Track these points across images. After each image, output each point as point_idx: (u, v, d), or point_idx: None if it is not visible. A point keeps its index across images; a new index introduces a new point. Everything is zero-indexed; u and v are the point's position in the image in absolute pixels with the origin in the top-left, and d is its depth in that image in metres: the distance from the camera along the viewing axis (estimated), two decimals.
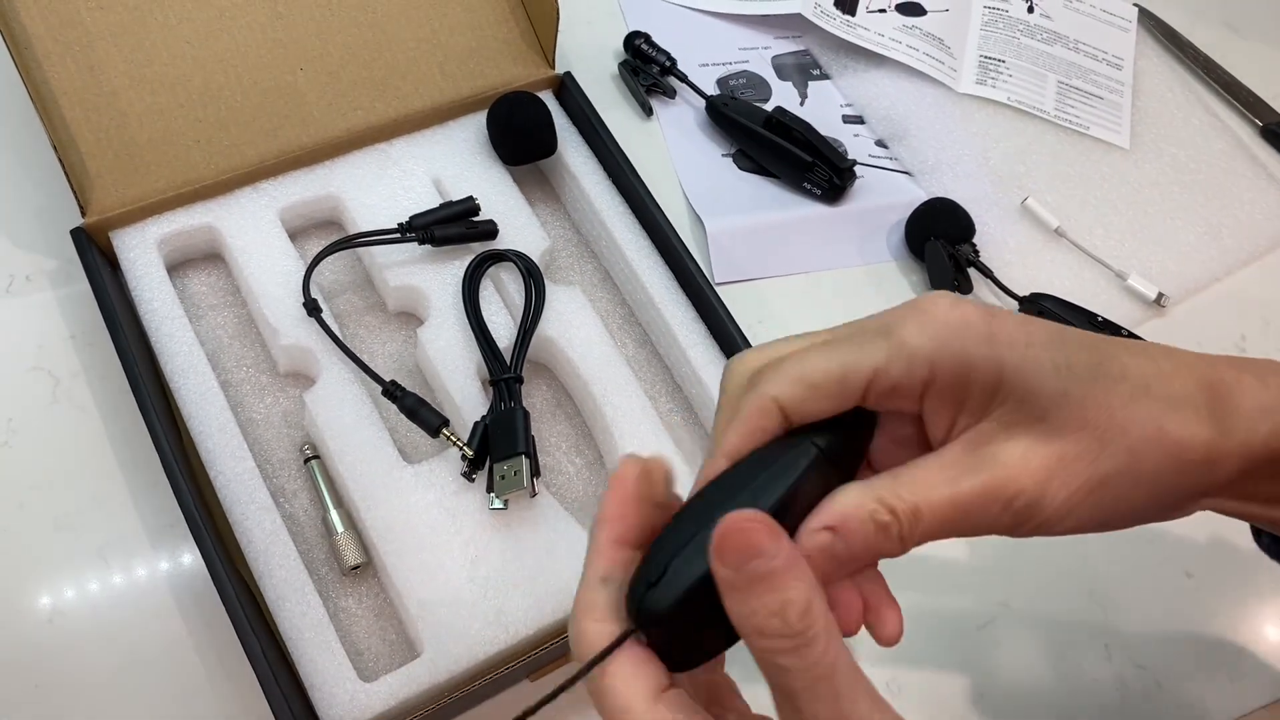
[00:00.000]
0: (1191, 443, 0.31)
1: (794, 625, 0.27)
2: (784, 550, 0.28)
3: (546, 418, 0.58)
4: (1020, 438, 0.31)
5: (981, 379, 0.31)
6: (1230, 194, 0.75)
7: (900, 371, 0.31)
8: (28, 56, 0.57)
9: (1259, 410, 0.32)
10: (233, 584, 0.47)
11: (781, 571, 0.27)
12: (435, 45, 0.64)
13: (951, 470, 0.31)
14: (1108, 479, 0.31)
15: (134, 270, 0.56)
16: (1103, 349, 0.32)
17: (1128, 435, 0.31)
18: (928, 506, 0.30)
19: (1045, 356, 0.31)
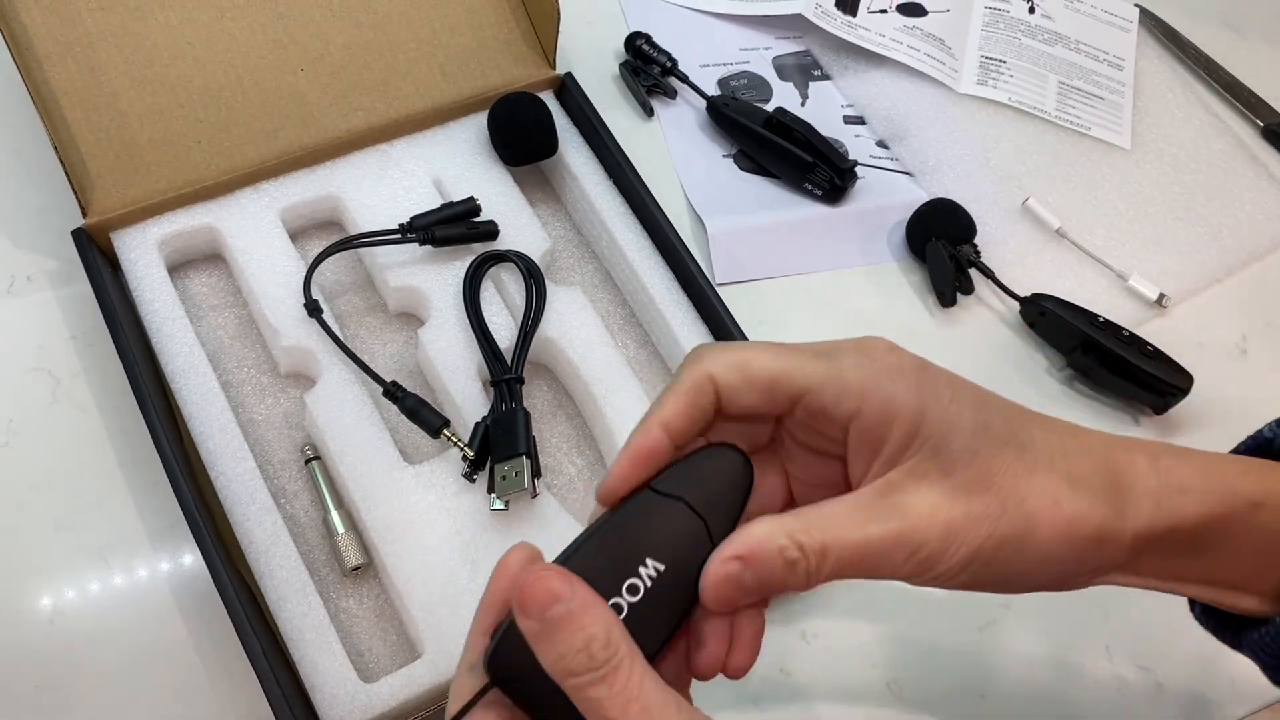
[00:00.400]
0: (1085, 521, 0.33)
1: (598, 657, 0.30)
2: (579, 593, 0.30)
3: (547, 418, 0.58)
4: (929, 490, 0.32)
5: (902, 423, 0.33)
6: (1231, 194, 0.75)
7: (830, 396, 0.33)
8: (28, 57, 0.57)
9: (1148, 494, 0.34)
10: (233, 585, 0.47)
11: (579, 611, 0.30)
12: (436, 46, 0.64)
13: (862, 514, 0.33)
14: (1005, 542, 0.32)
15: (135, 271, 0.56)
16: (1018, 419, 0.34)
17: (1026, 504, 0.33)
18: (836, 546, 0.32)
19: (966, 414, 0.33)
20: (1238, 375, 0.68)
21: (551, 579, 0.30)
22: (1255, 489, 0.35)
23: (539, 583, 0.30)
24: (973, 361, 0.66)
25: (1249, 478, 0.35)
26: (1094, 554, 0.34)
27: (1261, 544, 0.35)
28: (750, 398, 0.34)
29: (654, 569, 0.32)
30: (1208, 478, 0.35)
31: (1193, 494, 0.34)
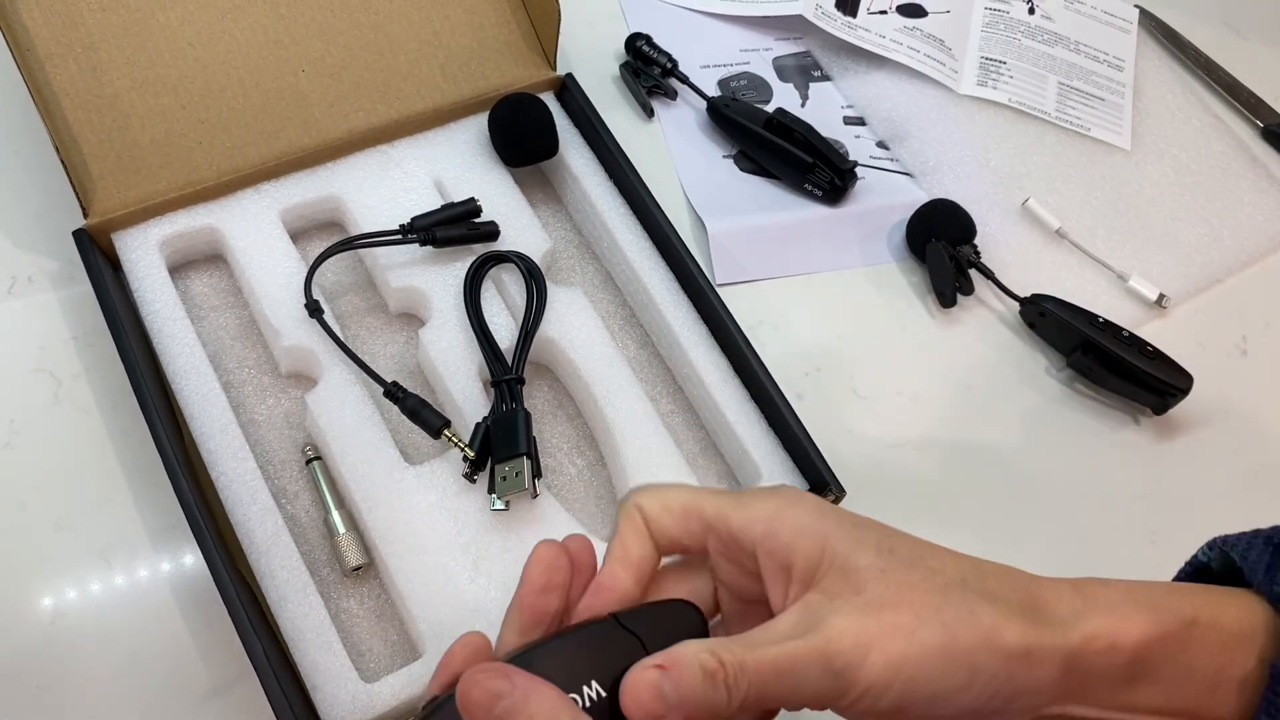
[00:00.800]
0: (1005, 632, 0.33)
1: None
2: (519, 680, 0.31)
3: (548, 419, 0.58)
4: (842, 606, 0.33)
5: (807, 547, 0.34)
6: (1231, 195, 0.75)
7: (740, 523, 0.35)
8: (30, 58, 0.57)
9: (1073, 613, 0.34)
10: (234, 585, 0.47)
11: (521, 700, 0.30)
12: (437, 47, 0.64)
13: (779, 631, 0.33)
14: (925, 653, 0.32)
15: (136, 271, 0.56)
16: (926, 548, 0.35)
17: (942, 614, 0.33)
18: (754, 662, 0.32)
19: (870, 538, 0.34)
20: (1238, 375, 0.68)
21: (489, 679, 0.31)
22: (1185, 606, 0.35)
23: (476, 687, 0.31)
24: (973, 362, 0.66)
25: (1175, 596, 0.35)
26: (1024, 671, 0.33)
27: (1204, 665, 0.34)
28: (670, 524, 0.36)
29: (596, 692, 0.33)
30: (1134, 597, 0.35)
31: (1119, 612, 0.34)
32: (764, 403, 0.57)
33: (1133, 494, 0.63)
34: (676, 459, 0.55)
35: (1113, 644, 0.34)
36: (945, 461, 0.62)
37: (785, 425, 0.56)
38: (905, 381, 0.64)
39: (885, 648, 0.32)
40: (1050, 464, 0.63)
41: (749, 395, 0.58)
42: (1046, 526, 0.61)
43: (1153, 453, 0.64)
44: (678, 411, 0.60)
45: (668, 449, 0.55)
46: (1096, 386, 0.65)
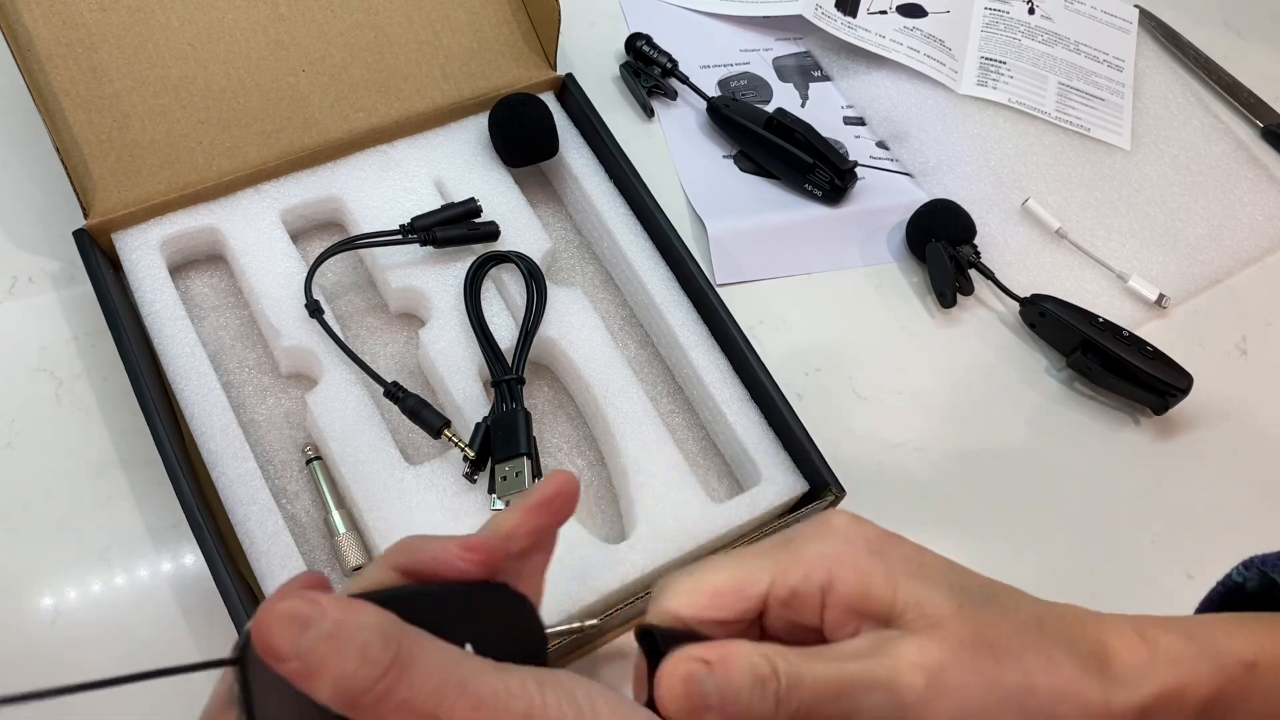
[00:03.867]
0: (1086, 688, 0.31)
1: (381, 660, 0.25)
2: (328, 604, 0.25)
3: (548, 419, 0.58)
4: (919, 640, 0.30)
5: (878, 592, 0.31)
6: (1231, 195, 0.75)
7: (798, 577, 0.31)
8: (30, 58, 0.57)
9: (1141, 665, 0.32)
10: (235, 585, 0.47)
11: (336, 626, 0.25)
12: (437, 47, 0.64)
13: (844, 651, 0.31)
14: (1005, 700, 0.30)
15: (136, 271, 0.56)
16: (994, 584, 0.33)
17: (1023, 660, 0.30)
18: (811, 676, 0.30)
19: (939, 576, 0.32)
20: (1238, 375, 0.68)
21: (295, 606, 0.25)
22: (1245, 648, 0.33)
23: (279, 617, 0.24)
24: (973, 362, 0.66)
25: (1236, 638, 0.34)
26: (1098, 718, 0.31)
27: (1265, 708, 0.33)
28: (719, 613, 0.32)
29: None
30: (1195, 644, 0.33)
31: (1185, 662, 0.32)
32: (764, 403, 0.57)
33: (1133, 494, 0.63)
34: (676, 459, 0.55)
35: (1180, 701, 0.32)
36: (945, 461, 0.62)
37: (785, 425, 0.56)
38: (905, 381, 0.64)
39: (961, 687, 0.30)
40: (1050, 464, 0.63)
41: (749, 395, 0.58)
42: (1046, 526, 0.61)
43: (1153, 453, 0.64)
44: (678, 411, 0.60)
45: (668, 449, 0.55)
46: (1096, 386, 0.65)
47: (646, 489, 0.54)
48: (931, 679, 0.30)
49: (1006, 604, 0.32)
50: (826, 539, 0.32)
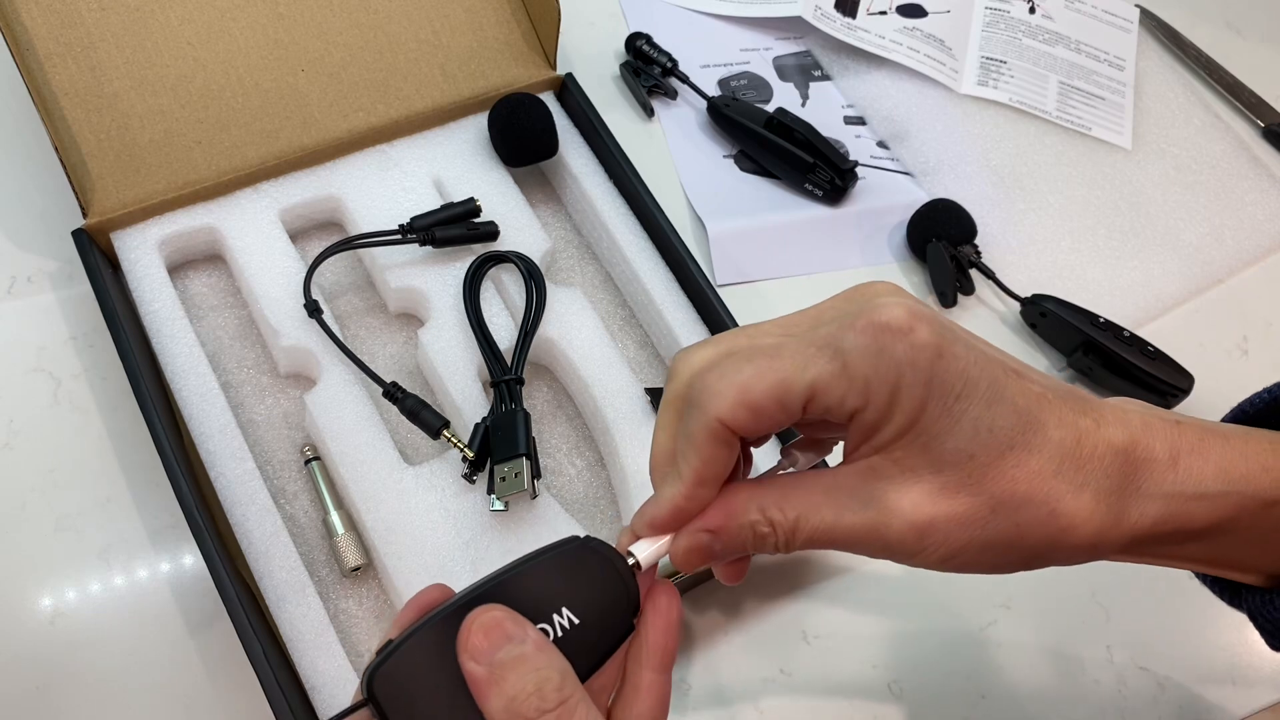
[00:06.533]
0: (1082, 527, 0.32)
1: (551, 699, 0.29)
2: (531, 634, 0.30)
3: (547, 419, 0.58)
4: (913, 486, 0.31)
5: (900, 418, 0.31)
6: (1232, 195, 0.75)
7: (836, 397, 0.31)
8: (29, 58, 0.57)
9: (1158, 496, 0.33)
10: (233, 585, 0.47)
11: (533, 653, 0.29)
12: (436, 46, 0.64)
13: (839, 499, 0.32)
14: (988, 545, 0.32)
15: (135, 271, 0.56)
16: (1035, 414, 0.32)
17: (1019, 513, 0.31)
18: (807, 527, 0.32)
19: (971, 414, 0.31)
20: (1238, 375, 0.68)
21: (503, 620, 0.29)
22: (1272, 487, 0.33)
23: (489, 624, 0.29)
24: None
25: (1271, 474, 0.34)
26: (1084, 555, 0.33)
27: (1267, 536, 0.34)
28: (760, 425, 0.32)
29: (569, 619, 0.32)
30: (1226, 479, 0.33)
31: (1207, 500, 0.33)
32: None
33: None
34: None
35: (1184, 527, 0.33)
36: None
37: None
38: None
39: (946, 538, 0.32)
40: None
41: None
42: None
43: None
44: None
45: None
46: (1098, 386, 0.65)
47: (646, 489, 0.53)
48: (921, 534, 0.32)
49: (1032, 443, 0.31)
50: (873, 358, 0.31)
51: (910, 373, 0.31)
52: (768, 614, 0.55)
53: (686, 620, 0.55)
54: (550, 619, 0.31)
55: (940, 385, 0.31)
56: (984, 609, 0.57)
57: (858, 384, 0.31)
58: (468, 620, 0.29)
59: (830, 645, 0.55)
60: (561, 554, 0.33)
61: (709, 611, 0.55)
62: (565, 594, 0.32)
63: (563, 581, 0.32)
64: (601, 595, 0.32)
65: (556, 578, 0.32)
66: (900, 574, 0.57)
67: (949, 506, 0.31)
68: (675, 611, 0.34)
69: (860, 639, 0.55)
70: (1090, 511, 0.32)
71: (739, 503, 0.33)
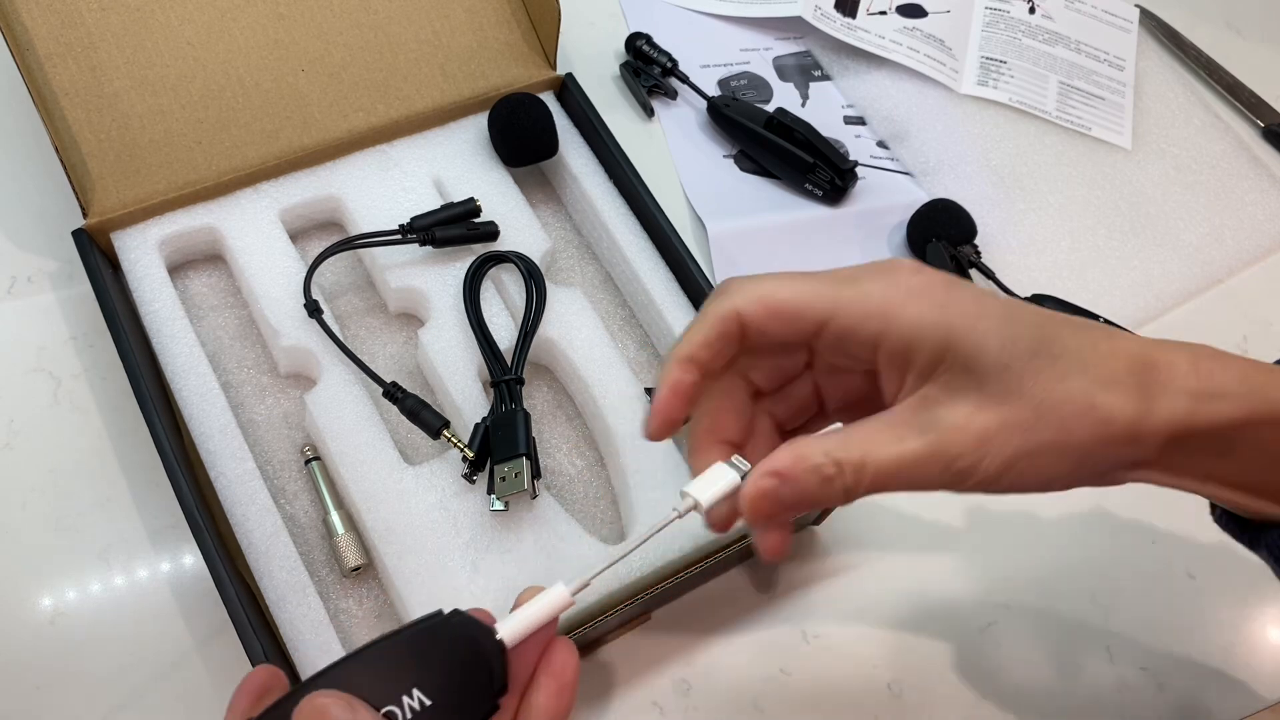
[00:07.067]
0: (1118, 418, 0.33)
1: None
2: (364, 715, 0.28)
3: (547, 419, 0.58)
4: (962, 403, 0.33)
5: (930, 343, 0.33)
6: (1232, 195, 0.75)
7: (855, 319, 0.34)
8: (29, 58, 0.57)
9: (1183, 392, 0.34)
10: (234, 585, 0.47)
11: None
12: (437, 47, 0.64)
13: (898, 430, 0.33)
14: (1040, 448, 0.33)
15: (135, 271, 0.56)
16: (1047, 328, 0.34)
17: (1060, 410, 0.33)
18: (873, 463, 0.33)
19: (993, 330, 0.33)
20: None
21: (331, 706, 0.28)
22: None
23: (317, 712, 0.28)
24: None
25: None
26: (1128, 451, 0.34)
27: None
28: (776, 328, 0.35)
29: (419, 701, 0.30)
30: (1246, 384, 0.35)
31: (1229, 400, 0.34)
32: None
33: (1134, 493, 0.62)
34: (676, 459, 0.55)
35: (1211, 427, 0.34)
36: None
37: None
38: None
39: (1002, 446, 0.33)
40: None
41: None
42: (1047, 525, 0.61)
43: None
44: None
45: (667, 449, 0.55)
46: None
47: (646, 489, 0.54)
48: (978, 445, 0.33)
49: (1054, 350, 0.33)
50: (888, 288, 0.34)
51: (925, 297, 0.34)
52: (768, 614, 0.55)
53: (685, 621, 0.55)
54: (399, 701, 0.29)
55: (958, 308, 0.33)
56: (984, 609, 0.57)
57: (875, 310, 0.34)
58: (297, 710, 0.28)
59: (830, 645, 0.55)
60: (419, 631, 0.31)
61: (709, 611, 0.55)
62: (418, 674, 0.30)
63: (417, 660, 0.30)
64: (459, 674, 0.30)
65: (411, 656, 0.30)
66: (901, 574, 0.57)
67: (998, 414, 0.33)
68: (570, 673, 0.33)
69: (860, 639, 0.55)
70: (1123, 403, 0.33)
71: (804, 446, 0.33)
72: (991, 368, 0.33)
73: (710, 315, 0.35)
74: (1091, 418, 0.33)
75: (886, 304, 0.34)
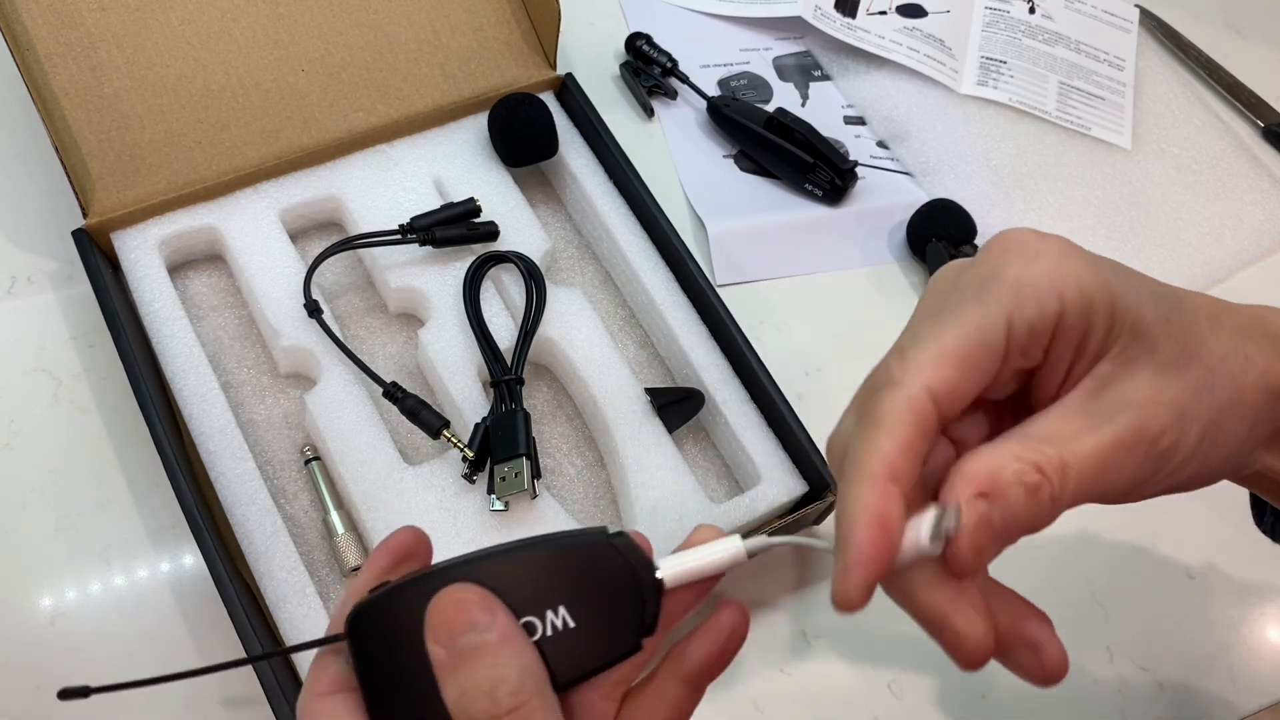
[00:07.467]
0: (1275, 370, 0.30)
1: (504, 702, 0.26)
2: (499, 624, 0.27)
3: (547, 419, 0.58)
4: (1143, 374, 0.29)
5: (1101, 306, 0.29)
6: (1232, 195, 0.75)
7: (1033, 311, 0.28)
8: (29, 58, 0.57)
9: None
10: (234, 585, 0.47)
11: (495, 646, 0.26)
12: (436, 46, 0.64)
13: (1087, 418, 0.28)
14: (1223, 411, 0.29)
15: (135, 271, 0.56)
16: (1163, 284, 0.31)
17: (1227, 363, 0.29)
18: (1075, 459, 0.28)
19: (1143, 285, 0.30)
20: None
21: (472, 603, 0.27)
22: None
23: (456, 605, 0.27)
24: None
25: None
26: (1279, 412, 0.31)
27: None
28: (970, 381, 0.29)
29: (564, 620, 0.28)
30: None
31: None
32: (764, 403, 0.57)
33: None
34: (676, 460, 0.55)
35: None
36: None
37: (785, 426, 0.56)
38: None
39: (1197, 412, 0.29)
40: None
41: (749, 396, 0.58)
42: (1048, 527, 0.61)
43: None
44: None
45: (667, 450, 0.55)
46: None
47: (646, 489, 0.54)
48: (1172, 411, 0.29)
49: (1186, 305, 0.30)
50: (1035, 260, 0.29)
51: (1076, 260, 0.29)
52: (768, 614, 0.55)
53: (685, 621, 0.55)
54: (542, 614, 0.28)
55: (1105, 265, 0.29)
56: None
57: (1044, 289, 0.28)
58: (438, 596, 0.27)
59: (830, 645, 0.55)
60: (578, 544, 0.29)
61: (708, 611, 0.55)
62: (569, 591, 0.28)
63: (571, 576, 0.28)
64: (610, 604, 0.28)
65: (565, 570, 0.28)
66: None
67: (1182, 380, 0.29)
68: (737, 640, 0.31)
69: (860, 639, 0.55)
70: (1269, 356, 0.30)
71: (990, 457, 0.28)
72: (1155, 325, 0.29)
73: (893, 411, 0.28)
74: (1254, 370, 0.30)
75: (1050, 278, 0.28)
